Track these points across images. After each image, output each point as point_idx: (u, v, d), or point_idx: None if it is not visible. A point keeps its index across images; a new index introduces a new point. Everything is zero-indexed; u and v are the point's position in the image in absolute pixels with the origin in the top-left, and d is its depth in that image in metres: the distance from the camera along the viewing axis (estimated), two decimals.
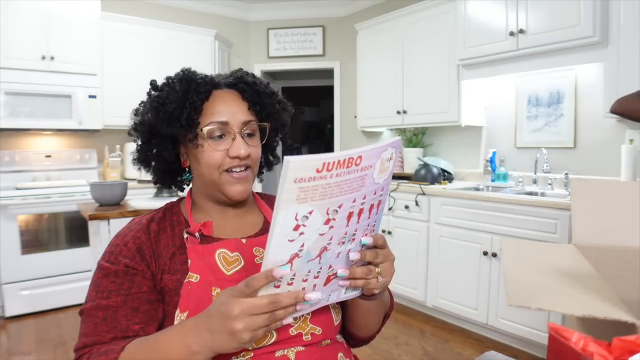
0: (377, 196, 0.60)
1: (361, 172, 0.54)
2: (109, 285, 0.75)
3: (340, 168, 0.52)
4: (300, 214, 0.53)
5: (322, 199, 0.53)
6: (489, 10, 2.71)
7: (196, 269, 0.76)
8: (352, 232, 0.60)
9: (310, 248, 0.57)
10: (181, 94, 0.80)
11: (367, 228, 0.62)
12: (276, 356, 0.73)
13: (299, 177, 0.50)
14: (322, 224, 0.55)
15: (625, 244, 0.54)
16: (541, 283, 0.47)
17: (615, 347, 0.32)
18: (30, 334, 2.73)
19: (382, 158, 0.57)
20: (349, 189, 0.54)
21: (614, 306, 0.40)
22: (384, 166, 0.58)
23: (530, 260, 0.56)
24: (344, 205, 0.56)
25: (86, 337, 0.72)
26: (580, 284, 0.46)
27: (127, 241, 0.79)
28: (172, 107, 0.79)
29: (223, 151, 0.80)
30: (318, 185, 0.52)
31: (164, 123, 0.80)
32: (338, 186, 0.53)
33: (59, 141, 3.60)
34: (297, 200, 0.52)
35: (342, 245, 0.60)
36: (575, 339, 0.34)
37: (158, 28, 3.70)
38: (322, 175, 0.51)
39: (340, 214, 0.56)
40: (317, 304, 0.67)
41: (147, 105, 0.85)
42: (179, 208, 0.88)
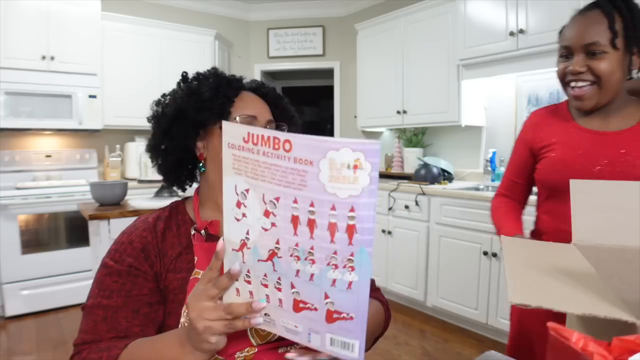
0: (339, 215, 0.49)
1: (295, 164, 0.49)
2: (111, 284, 0.76)
3: (266, 147, 0.50)
4: (238, 187, 0.55)
5: (254, 178, 0.53)
6: (489, 10, 2.71)
7: (203, 265, 0.77)
8: (308, 249, 0.52)
9: (256, 242, 0.56)
10: (214, 86, 0.83)
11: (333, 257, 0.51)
12: (279, 352, 0.73)
13: (230, 141, 0.54)
14: (261, 213, 0.54)
15: (625, 244, 0.54)
16: (541, 281, 0.47)
17: (615, 347, 0.32)
18: (30, 333, 2.73)
19: (332, 160, 0.48)
20: (282, 180, 0.51)
21: (614, 306, 0.40)
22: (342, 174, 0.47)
23: (530, 259, 0.56)
24: (282, 200, 0.51)
25: (85, 334, 0.73)
26: (580, 284, 0.46)
27: (132, 239, 0.79)
28: (206, 95, 0.82)
29: None
30: (248, 159, 0.53)
31: (196, 110, 0.82)
32: (269, 169, 0.51)
33: (59, 141, 3.60)
34: (233, 169, 0.55)
35: (298, 262, 0.53)
36: (575, 338, 0.34)
37: (158, 28, 3.70)
38: (249, 147, 0.52)
39: (280, 211, 0.52)
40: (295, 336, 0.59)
41: (177, 93, 0.85)
42: (184, 207, 0.88)
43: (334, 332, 0.56)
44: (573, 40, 1.00)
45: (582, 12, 1.02)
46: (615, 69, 0.97)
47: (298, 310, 0.56)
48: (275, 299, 0.57)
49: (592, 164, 1.01)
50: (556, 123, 1.11)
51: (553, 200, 1.11)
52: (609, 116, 1.04)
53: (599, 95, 1.00)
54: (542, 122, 1.15)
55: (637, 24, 0.97)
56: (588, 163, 1.02)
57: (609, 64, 0.96)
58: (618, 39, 0.95)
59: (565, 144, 1.06)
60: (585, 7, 1.02)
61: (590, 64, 0.98)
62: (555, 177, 1.06)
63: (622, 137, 1.01)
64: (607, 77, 0.97)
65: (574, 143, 1.05)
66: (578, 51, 0.99)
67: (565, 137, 1.07)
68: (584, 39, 0.97)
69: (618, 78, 0.98)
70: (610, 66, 0.96)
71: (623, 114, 1.03)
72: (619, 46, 0.95)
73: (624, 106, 1.03)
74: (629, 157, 0.98)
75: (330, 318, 0.55)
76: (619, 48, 0.96)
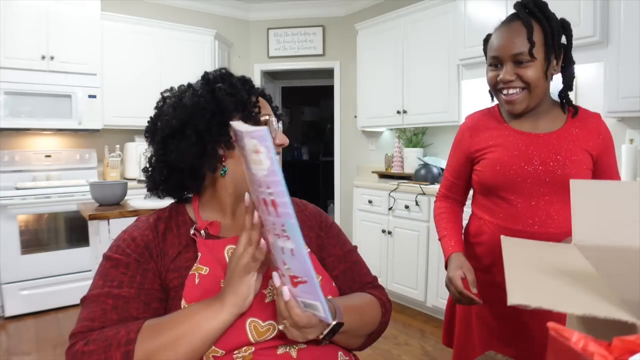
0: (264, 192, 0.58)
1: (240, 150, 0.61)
2: (119, 275, 0.75)
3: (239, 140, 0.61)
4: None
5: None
6: (489, 10, 2.71)
7: (206, 262, 0.78)
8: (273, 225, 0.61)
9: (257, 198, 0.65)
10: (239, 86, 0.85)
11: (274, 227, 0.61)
12: (278, 353, 0.73)
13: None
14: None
15: (625, 243, 0.54)
16: (541, 282, 0.47)
17: (615, 347, 0.32)
18: (30, 333, 2.73)
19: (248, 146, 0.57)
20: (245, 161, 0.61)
21: (614, 306, 0.40)
22: (253, 158, 0.57)
23: (530, 259, 0.56)
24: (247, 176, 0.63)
25: (92, 321, 0.70)
26: (580, 284, 0.46)
27: (135, 237, 0.80)
28: (241, 95, 0.83)
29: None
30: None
31: (233, 107, 0.82)
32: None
33: (59, 141, 3.60)
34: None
35: (278, 239, 0.62)
36: (575, 338, 0.33)
37: (158, 28, 3.70)
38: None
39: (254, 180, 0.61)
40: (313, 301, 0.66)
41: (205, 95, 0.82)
42: (184, 208, 0.89)
43: (301, 296, 0.65)
44: (501, 51, 1.07)
45: (506, 23, 1.09)
46: (541, 75, 1.06)
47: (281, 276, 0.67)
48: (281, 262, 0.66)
49: (526, 164, 1.09)
50: (491, 126, 1.19)
51: (493, 199, 1.17)
52: (538, 119, 1.13)
53: (529, 99, 1.08)
54: (477, 125, 1.23)
55: (555, 33, 1.07)
56: (523, 163, 1.10)
57: (535, 70, 1.05)
58: (536, 48, 1.04)
59: (502, 146, 1.14)
60: (507, 17, 1.11)
61: (518, 72, 1.06)
62: (494, 177, 1.13)
63: (552, 138, 1.10)
64: (535, 83, 1.06)
65: (509, 145, 1.13)
66: (507, 61, 1.07)
67: (501, 140, 1.15)
68: (511, 50, 1.05)
69: (544, 83, 1.08)
70: (537, 73, 1.05)
71: (550, 117, 1.13)
72: (538, 55, 1.05)
73: (550, 109, 1.14)
74: (559, 157, 1.07)
75: (293, 283, 0.64)
76: (538, 57, 1.05)
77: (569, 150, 1.08)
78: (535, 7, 1.08)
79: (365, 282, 0.94)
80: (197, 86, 0.85)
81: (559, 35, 1.09)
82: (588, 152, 1.09)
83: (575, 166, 1.07)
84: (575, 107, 1.14)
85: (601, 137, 1.11)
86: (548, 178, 1.08)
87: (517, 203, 1.11)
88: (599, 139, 1.10)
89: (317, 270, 0.86)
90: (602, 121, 1.13)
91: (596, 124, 1.12)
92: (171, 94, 0.88)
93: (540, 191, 1.09)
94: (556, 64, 1.09)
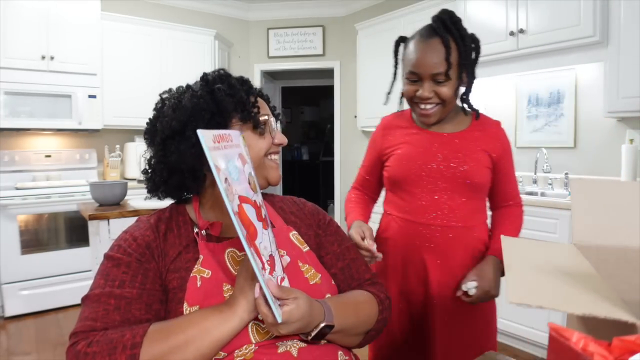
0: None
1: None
2: (121, 275, 0.75)
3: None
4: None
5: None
6: (489, 10, 2.71)
7: (208, 264, 0.78)
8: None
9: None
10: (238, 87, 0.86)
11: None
12: (279, 352, 0.73)
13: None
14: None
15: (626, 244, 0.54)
16: (541, 282, 0.47)
17: (615, 347, 0.32)
18: (30, 334, 2.73)
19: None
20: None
21: (614, 306, 0.40)
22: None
23: (530, 259, 0.56)
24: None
25: (94, 321, 0.70)
26: (580, 284, 0.46)
27: (136, 237, 0.80)
28: (240, 95, 0.84)
29: (271, 138, 0.89)
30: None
31: (232, 108, 0.83)
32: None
33: (59, 141, 3.60)
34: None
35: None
36: (575, 338, 0.33)
37: (158, 28, 3.70)
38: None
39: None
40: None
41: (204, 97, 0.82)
42: (184, 208, 0.89)
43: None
44: (421, 68, 1.11)
45: (425, 39, 1.13)
46: (454, 91, 1.14)
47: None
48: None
49: (429, 160, 1.17)
50: (402, 126, 1.27)
51: (399, 194, 1.23)
52: (445, 123, 1.21)
53: (442, 112, 1.16)
54: (389, 125, 1.30)
55: (468, 52, 1.13)
56: (426, 159, 1.17)
57: (450, 88, 1.12)
58: (452, 69, 1.09)
59: (409, 143, 1.22)
60: (425, 31, 1.14)
61: (436, 90, 1.12)
62: (401, 171, 1.20)
63: (455, 138, 1.18)
64: (449, 99, 1.13)
65: (415, 142, 1.21)
66: (427, 79, 1.12)
67: (409, 138, 1.23)
68: (430, 69, 1.10)
69: (455, 97, 1.17)
70: (451, 90, 1.12)
71: (455, 121, 1.21)
72: (452, 75, 1.11)
73: (455, 114, 1.22)
74: (460, 154, 1.15)
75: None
76: (452, 77, 1.11)
77: (469, 149, 1.16)
78: (452, 24, 1.11)
79: (363, 279, 0.94)
80: (197, 87, 0.85)
81: (471, 53, 1.15)
82: (488, 153, 1.17)
83: (474, 163, 1.15)
84: (477, 111, 1.22)
85: (500, 142, 1.19)
86: (449, 173, 1.15)
87: (421, 197, 1.17)
88: (498, 143, 1.19)
89: (316, 268, 0.86)
90: (501, 128, 1.23)
91: (496, 131, 1.21)
92: (170, 96, 0.88)
93: (442, 186, 1.15)
94: (466, 79, 1.16)
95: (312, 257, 0.88)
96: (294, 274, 0.81)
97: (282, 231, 0.89)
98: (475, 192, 1.17)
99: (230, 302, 0.71)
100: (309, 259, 0.87)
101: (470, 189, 1.15)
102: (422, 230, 1.16)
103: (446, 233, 1.15)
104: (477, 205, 1.19)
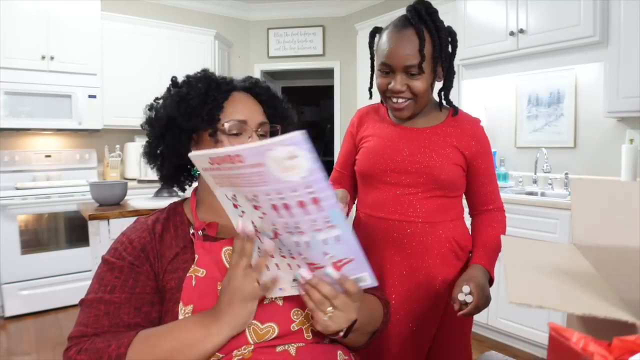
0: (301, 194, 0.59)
1: (252, 169, 0.59)
2: (113, 280, 0.77)
3: (226, 163, 0.61)
4: (228, 194, 0.67)
5: (233, 186, 0.65)
6: (489, 10, 2.71)
7: (203, 264, 0.78)
8: (294, 225, 0.63)
9: (262, 227, 0.67)
10: (203, 91, 0.83)
11: (314, 224, 0.63)
12: (277, 351, 0.73)
13: (202, 166, 0.66)
14: (252, 207, 0.66)
15: (626, 244, 0.54)
16: (542, 281, 0.47)
17: (615, 347, 0.32)
18: (30, 334, 2.73)
19: (274, 158, 0.56)
20: (250, 181, 0.61)
21: (614, 306, 0.40)
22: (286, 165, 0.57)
23: (530, 259, 0.56)
24: (259, 196, 0.62)
25: (86, 327, 0.73)
26: (580, 284, 0.46)
27: (132, 239, 0.81)
28: (194, 102, 0.82)
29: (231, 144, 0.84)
30: (222, 174, 0.64)
31: (185, 117, 0.82)
32: (237, 177, 0.62)
33: (59, 141, 3.60)
34: (217, 184, 0.67)
35: (293, 235, 0.65)
36: (575, 338, 0.33)
37: (158, 28, 3.70)
38: (215, 167, 0.63)
39: (261, 203, 0.63)
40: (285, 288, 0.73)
41: (167, 100, 0.85)
42: (182, 209, 0.89)
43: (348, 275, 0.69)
44: (393, 60, 1.06)
45: (398, 29, 1.08)
46: (428, 86, 1.09)
47: (312, 271, 0.69)
48: (294, 265, 0.70)
49: (395, 154, 1.14)
50: (375, 120, 1.25)
51: (367, 188, 1.22)
52: (419, 117, 1.18)
53: (415, 107, 1.12)
54: (364, 118, 1.28)
55: (443, 45, 1.08)
56: (393, 153, 1.14)
57: (424, 82, 1.07)
58: (425, 62, 1.05)
59: (378, 136, 1.19)
60: (399, 21, 1.09)
61: (409, 83, 1.07)
62: (368, 164, 1.18)
63: (425, 132, 1.15)
64: (422, 94, 1.09)
65: (385, 136, 1.18)
66: (399, 71, 1.07)
67: (379, 131, 1.21)
68: (403, 61, 1.05)
69: (430, 93, 1.13)
70: (425, 84, 1.08)
71: (429, 116, 1.18)
72: (426, 69, 1.06)
73: (430, 109, 1.18)
74: (426, 149, 1.13)
75: (336, 267, 0.68)
76: (426, 70, 1.06)
77: (437, 144, 1.12)
78: (427, 15, 1.07)
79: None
80: (166, 94, 0.88)
81: (447, 46, 1.10)
82: (459, 150, 1.13)
83: (441, 159, 1.11)
84: (456, 107, 1.18)
85: (475, 141, 1.14)
86: (414, 168, 1.12)
87: (384, 191, 1.15)
88: (473, 141, 1.14)
89: None
90: (479, 127, 1.18)
91: (472, 129, 1.16)
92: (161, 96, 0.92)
93: (406, 181, 1.13)
94: (442, 74, 1.12)
95: None
96: None
97: None
98: (444, 189, 1.12)
99: (216, 314, 0.70)
100: None
101: (437, 186, 1.11)
102: (381, 225, 1.15)
103: (404, 228, 1.12)
104: (447, 203, 1.14)
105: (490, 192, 1.19)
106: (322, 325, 0.69)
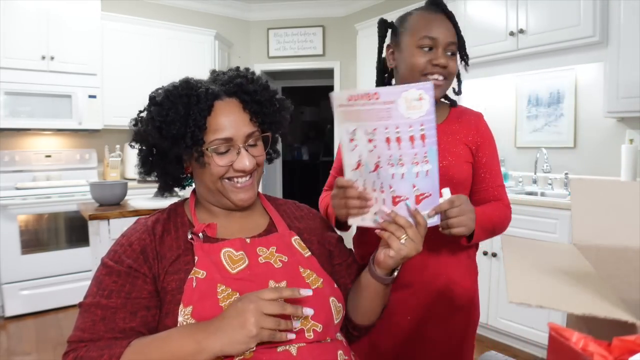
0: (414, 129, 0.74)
1: (383, 105, 0.74)
2: (111, 284, 0.77)
3: (362, 100, 0.75)
4: (350, 129, 0.80)
5: (358, 121, 0.78)
6: (489, 10, 2.71)
7: (203, 265, 0.78)
8: (398, 157, 0.77)
9: (367, 160, 0.80)
10: (183, 112, 0.79)
11: (415, 157, 0.76)
12: (278, 351, 0.73)
13: (338, 103, 0.79)
14: (367, 141, 0.78)
15: (625, 244, 0.54)
16: (542, 281, 0.47)
17: (615, 347, 0.32)
18: (30, 334, 2.73)
19: (406, 97, 0.73)
20: (376, 117, 0.75)
21: (614, 306, 0.40)
22: (413, 104, 0.73)
23: (530, 259, 0.56)
24: (378, 129, 0.76)
25: (83, 332, 0.74)
26: (580, 284, 0.46)
27: (132, 241, 0.81)
28: (175, 127, 0.78)
29: (228, 165, 0.82)
30: (353, 110, 0.77)
31: (168, 143, 0.81)
32: (366, 112, 0.76)
33: (59, 141, 3.60)
34: (344, 119, 0.80)
35: (392, 167, 0.78)
36: (575, 338, 0.34)
37: (158, 28, 3.70)
38: (351, 103, 0.77)
39: (378, 137, 0.77)
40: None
41: (149, 125, 0.82)
42: (183, 209, 0.90)
43: (421, 209, 0.81)
44: (441, 35, 1.04)
45: (433, 12, 1.07)
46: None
47: (395, 204, 0.81)
48: (381, 199, 0.82)
49: None
50: None
51: None
52: None
53: (443, 89, 1.10)
54: None
55: (461, 39, 1.09)
56: None
57: (455, 64, 1.08)
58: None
59: None
60: (429, 6, 1.09)
61: (448, 61, 1.05)
62: None
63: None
64: (453, 77, 1.09)
65: None
66: (443, 47, 1.04)
67: None
68: (448, 37, 1.04)
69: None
70: (456, 66, 1.08)
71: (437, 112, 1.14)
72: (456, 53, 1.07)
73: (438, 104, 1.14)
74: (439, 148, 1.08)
75: (417, 200, 0.80)
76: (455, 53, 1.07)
77: (449, 142, 1.10)
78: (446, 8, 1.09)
79: None
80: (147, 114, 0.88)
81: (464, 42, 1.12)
82: (467, 146, 1.12)
83: (454, 158, 1.09)
84: (453, 100, 1.17)
85: (478, 133, 1.13)
86: None
87: None
88: (477, 134, 1.13)
89: (318, 273, 0.86)
90: (482, 120, 1.18)
91: (476, 122, 1.15)
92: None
93: None
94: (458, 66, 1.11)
95: (314, 262, 0.88)
96: (294, 278, 0.82)
97: (284, 236, 0.89)
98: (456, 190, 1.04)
99: (212, 330, 0.68)
100: (310, 264, 0.87)
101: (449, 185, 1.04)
102: None
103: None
104: None
105: (492, 188, 1.12)
106: (395, 249, 0.77)
